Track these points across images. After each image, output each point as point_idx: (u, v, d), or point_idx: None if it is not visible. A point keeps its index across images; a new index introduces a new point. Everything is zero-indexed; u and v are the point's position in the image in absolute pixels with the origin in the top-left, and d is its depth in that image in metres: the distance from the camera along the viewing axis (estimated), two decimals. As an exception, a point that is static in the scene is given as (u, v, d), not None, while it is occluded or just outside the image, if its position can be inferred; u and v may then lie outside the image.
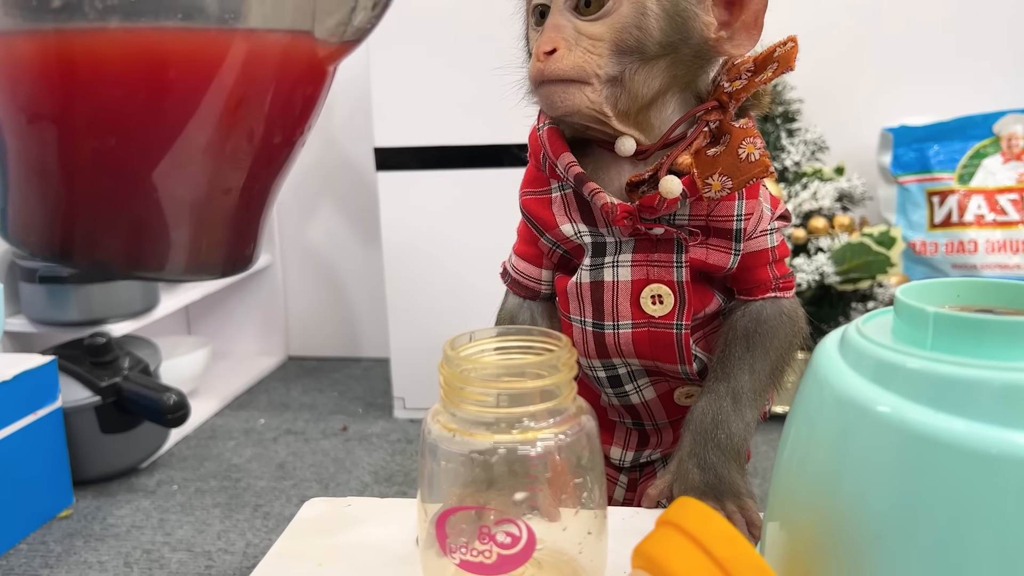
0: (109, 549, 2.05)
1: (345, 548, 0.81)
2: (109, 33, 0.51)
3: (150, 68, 0.52)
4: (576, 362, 0.69)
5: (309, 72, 0.60)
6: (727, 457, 0.87)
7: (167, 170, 0.54)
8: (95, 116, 0.52)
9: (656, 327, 0.92)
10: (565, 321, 0.97)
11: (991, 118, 2.67)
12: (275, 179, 0.62)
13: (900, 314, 0.57)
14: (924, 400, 0.51)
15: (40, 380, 2.15)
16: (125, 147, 0.53)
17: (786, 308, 0.95)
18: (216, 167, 0.56)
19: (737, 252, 0.90)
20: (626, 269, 0.91)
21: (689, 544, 0.56)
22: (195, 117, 0.54)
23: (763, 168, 0.83)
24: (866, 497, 0.53)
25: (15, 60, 0.51)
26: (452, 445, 0.66)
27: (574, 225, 0.92)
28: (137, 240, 0.57)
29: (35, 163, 0.53)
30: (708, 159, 0.84)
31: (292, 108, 0.60)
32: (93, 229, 0.56)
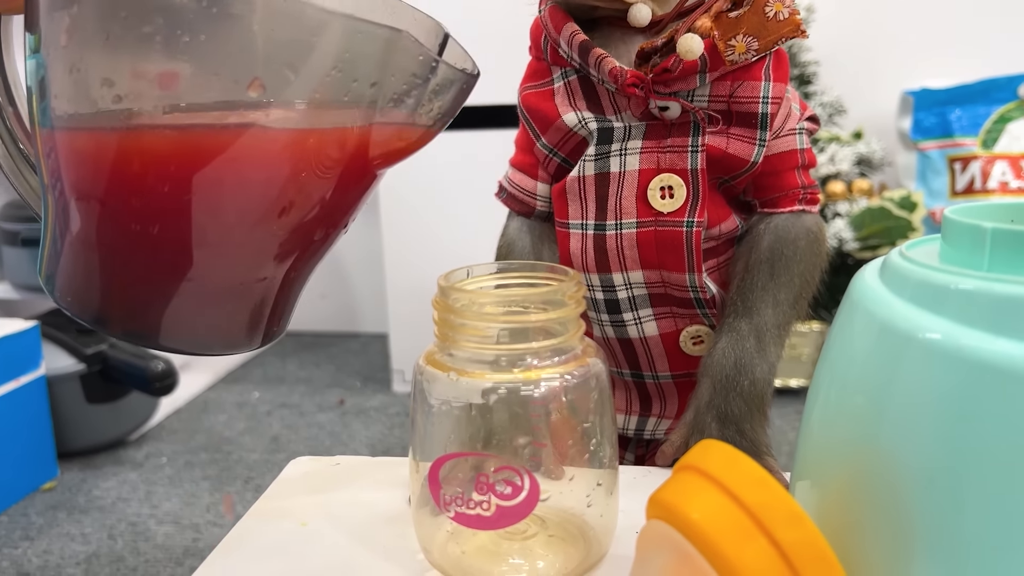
0: (93, 521, 2.03)
1: (331, 507, 0.76)
2: (162, 132, 0.52)
3: (198, 168, 0.53)
4: (584, 297, 0.63)
5: (361, 177, 0.60)
6: (750, 407, 0.80)
7: (205, 259, 0.56)
8: (141, 205, 0.53)
9: (664, 226, 0.84)
10: (562, 232, 0.88)
11: (1016, 80, 2.61)
12: (311, 267, 0.63)
13: (950, 236, 0.51)
14: (981, 324, 0.45)
15: (21, 346, 2.11)
16: (166, 235, 0.54)
17: (811, 226, 0.87)
18: (255, 261, 0.59)
19: (762, 143, 0.82)
20: (635, 157, 0.83)
21: (713, 489, 0.49)
22: (241, 218, 0.56)
23: (794, 27, 0.76)
24: (913, 440, 0.47)
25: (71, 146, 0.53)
26: (448, 387, 0.60)
27: (578, 113, 0.84)
28: (171, 319, 0.59)
29: (81, 234, 0.55)
30: (731, 20, 0.77)
31: (338, 210, 0.60)
32: (129, 304, 0.58)
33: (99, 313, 0.58)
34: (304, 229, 0.58)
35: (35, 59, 0.53)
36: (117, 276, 0.56)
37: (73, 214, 0.55)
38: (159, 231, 0.54)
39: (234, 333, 0.62)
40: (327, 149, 0.56)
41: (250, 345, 0.63)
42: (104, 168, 0.53)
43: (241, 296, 0.60)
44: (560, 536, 0.63)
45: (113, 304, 0.58)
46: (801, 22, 0.76)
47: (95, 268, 0.56)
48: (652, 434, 0.95)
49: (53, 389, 2.25)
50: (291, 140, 0.54)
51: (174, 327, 0.59)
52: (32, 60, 0.53)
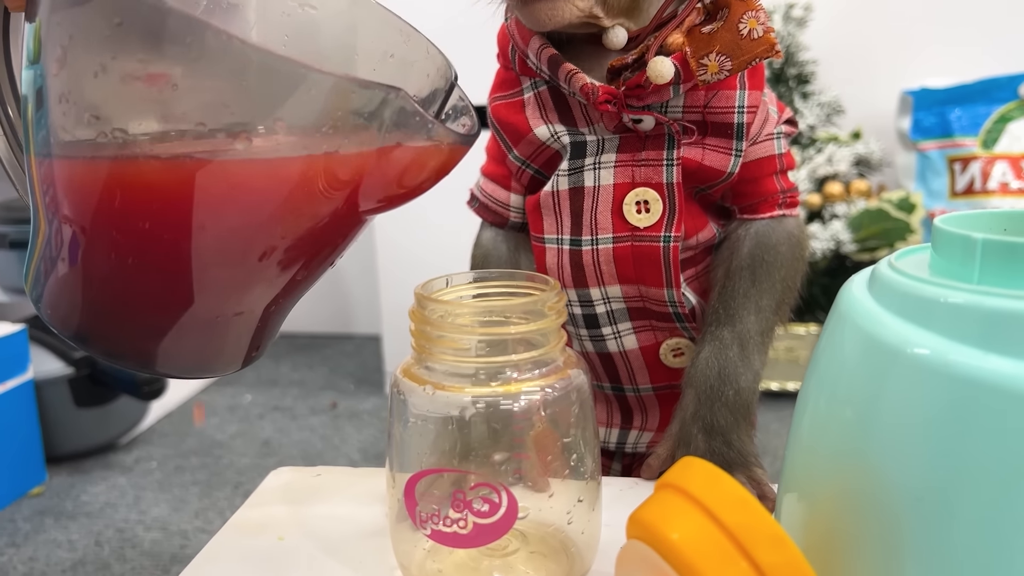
0: (80, 527, 2.02)
1: (310, 520, 0.75)
2: (144, 169, 0.53)
3: (177, 209, 0.53)
4: (565, 308, 0.62)
5: (348, 224, 0.60)
6: (736, 417, 0.79)
7: (181, 294, 0.56)
8: (121, 237, 0.54)
9: (641, 240, 0.82)
10: (538, 246, 0.86)
11: (1017, 80, 2.60)
12: (293, 301, 0.63)
13: (940, 246, 0.50)
14: (971, 339, 0.44)
15: (9, 350, 2.10)
16: (144, 269, 0.55)
17: (793, 229, 0.86)
18: (234, 297, 0.59)
19: (739, 153, 0.80)
20: (609, 171, 0.81)
21: (693, 509, 0.48)
22: (220, 259, 0.56)
23: (768, 46, 0.73)
24: (901, 455, 0.46)
25: (58, 171, 0.54)
26: (425, 401, 0.59)
27: (550, 127, 0.82)
28: (149, 345, 0.60)
29: (65, 255, 0.56)
30: (704, 36, 0.74)
31: (322, 252, 0.61)
32: (108, 327, 0.59)
33: (79, 331, 0.58)
34: (285, 269, 0.58)
35: (33, 70, 0.53)
36: (97, 301, 0.57)
37: (58, 233, 0.55)
38: (135, 263, 0.54)
39: (211, 359, 0.62)
40: (313, 199, 0.55)
41: (227, 370, 0.64)
42: (87, 197, 0.53)
43: (219, 327, 0.60)
44: (542, 552, 0.62)
45: (93, 325, 0.58)
46: (776, 41, 0.74)
47: (78, 290, 0.56)
48: (634, 447, 0.94)
49: (41, 393, 2.24)
50: (276, 187, 0.54)
51: (151, 352, 0.60)
52: (30, 71, 0.53)
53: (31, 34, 0.53)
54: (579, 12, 0.74)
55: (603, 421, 0.95)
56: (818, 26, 2.75)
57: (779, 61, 2.73)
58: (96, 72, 0.51)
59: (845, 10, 2.88)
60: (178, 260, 0.54)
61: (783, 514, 0.57)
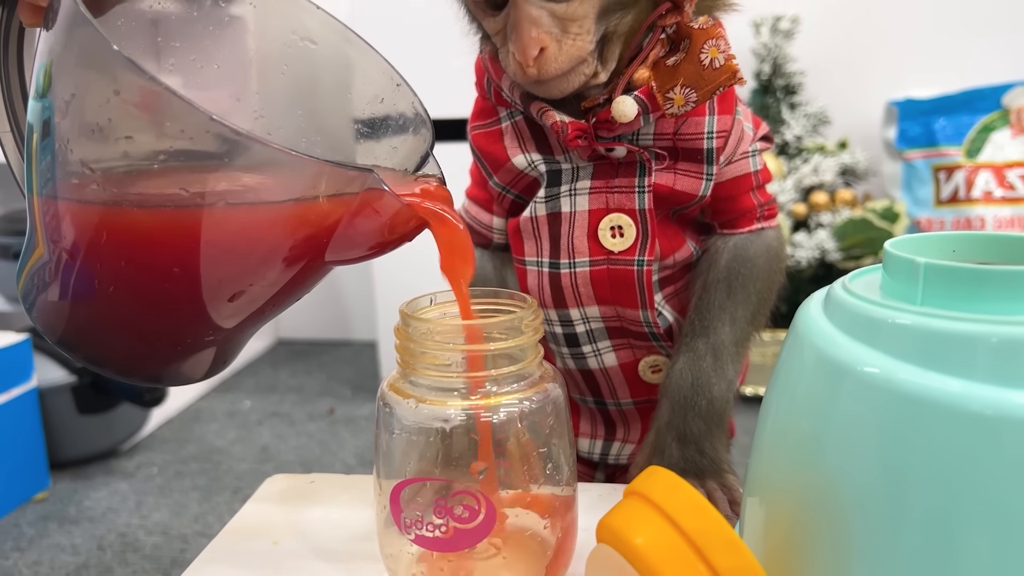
0: (83, 532, 2.03)
1: (304, 525, 0.78)
2: (127, 216, 0.56)
3: (153, 255, 0.57)
4: (542, 324, 0.65)
5: (315, 272, 0.63)
6: (710, 426, 0.82)
7: (155, 324, 0.61)
8: (103, 269, 0.57)
9: (616, 264, 0.84)
10: (520, 268, 0.89)
11: (1000, 90, 2.62)
12: (262, 325, 0.66)
13: (889, 268, 0.53)
14: (914, 358, 0.47)
15: (13, 359, 2.12)
16: (122, 299, 0.59)
17: (771, 241, 0.88)
18: (206, 327, 0.62)
19: (710, 177, 0.82)
20: (584, 197, 0.83)
21: (656, 516, 0.52)
22: (195, 299, 0.59)
23: (730, 74, 0.74)
24: (851, 465, 0.49)
25: (52, 206, 0.58)
26: (409, 414, 0.62)
27: (527, 156, 0.84)
28: (126, 358, 0.64)
29: (58, 278, 0.59)
30: (668, 69, 0.76)
31: (290, 295, 0.64)
32: (90, 341, 0.63)
33: (64, 340, 0.62)
34: (254, 306, 0.61)
35: (40, 103, 0.56)
36: (80, 316, 0.61)
37: (55, 258, 0.58)
38: (115, 292, 0.58)
39: (180, 371, 0.66)
40: (282, 254, 0.59)
41: (194, 380, 0.68)
42: (79, 232, 0.57)
43: (189, 348, 0.64)
44: (520, 555, 0.65)
45: (77, 337, 0.63)
46: (737, 68, 0.75)
47: (66, 304, 0.60)
48: (616, 458, 0.96)
49: (45, 400, 2.26)
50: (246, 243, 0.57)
51: (129, 364, 0.65)
52: (37, 103, 0.56)
53: (41, 70, 0.56)
54: (585, 77, 0.77)
55: (588, 433, 0.98)
56: (805, 38, 2.78)
57: (767, 72, 2.75)
58: (93, 130, 0.55)
59: (832, 23, 2.90)
60: (149, 299, 0.59)
61: (747, 516, 0.60)
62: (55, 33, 0.55)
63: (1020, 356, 0.44)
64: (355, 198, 0.57)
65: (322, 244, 0.59)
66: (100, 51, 0.52)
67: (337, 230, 0.58)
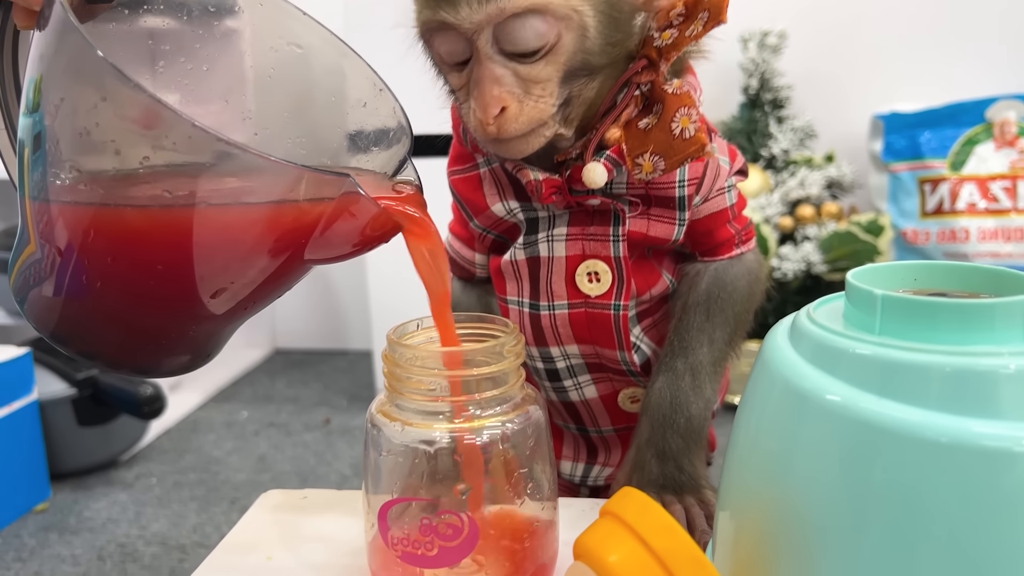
0: (83, 543, 2.04)
1: (297, 541, 0.80)
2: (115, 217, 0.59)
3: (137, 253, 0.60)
4: (524, 349, 0.67)
5: (296, 272, 0.65)
6: (687, 443, 0.84)
7: (140, 317, 0.63)
8: (90, 266, 0.60)
9: (593, 307, 0.86)
10: (502, 305, 0.91)
11: (983, 104, 2.65)
12: (246, 319, 0.68)
13: (851, 298, 0.55)
14: (872, 387, 0.49)
15: (15, 372, 2.14)
16: (109, 294, 0.61)
17: (749, 264, 0.89)
18: (189, 322, 0.65)
19: (682, 222, 0.84)
20: (561, 244, 0.85)
21: (628, 535, 0.55)
22: (178, 295, 0.61)
23: (699, 146, 0.76)
24: (814, 487, 0.52)
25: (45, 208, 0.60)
26: (396, 435, 0.65)
27: (505, 203, 0.86)
28: (117, 351, 0.67)
29: (50, 276, 0.61)
30: (639, 133, 0.78)
31: (272, 291, 0.65)
32: (80, 335, 0.65)
33: (55, 334, 0.65)
34: (236, 302, 0.63)
35: (31, 118, 0.58)
36: (73, 315, 0.63)
37: (48, 258, 0.60)
38: (102, 288, 0.60)
39: (166, 364, 0.69)
40: (262, 254, 0.61)
41: (180, 372, 0.70)
42: (65, 230, 0.59)
43: (175, 342, 0.67)
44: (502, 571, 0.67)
45: (68, 331, 0.65)
46: (707, 141, 0.76)
47: (56, 300, 0.62)
48: (595, 480, 0.99)
49: (45, 413, 2.27)
50: (227, 243, 0.60)
51: (118, 357, 0.67)
52: (28, 119, 0.58)
53: (31, 85, 0.58)
54: (544, 139, 0.77)
55: (570, 456, 1.00)
56: (792, 53, 2.80)
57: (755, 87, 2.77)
58: (80, 133, 0.57)
59: (818, 38, 2.92)
60: (139, 293, 0.61)
61: (718, 529, 0.63)
62: (46, 37, 0.57)
63: (971, 386, 0.47)
64: (332, 202, 0.59)
65: (301, 244, 0.61)
66: (86, 58, 0.54)
67: (315, 231, 0.60)
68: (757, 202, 2.61)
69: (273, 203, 0.59)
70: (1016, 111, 2.61)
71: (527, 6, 0.70)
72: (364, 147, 0.76)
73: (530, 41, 0.72)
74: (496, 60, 0.74)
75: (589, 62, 0.75)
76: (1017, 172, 2.60)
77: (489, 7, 0.71)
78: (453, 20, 0.72)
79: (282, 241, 0.60)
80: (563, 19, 0.72)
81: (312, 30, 0.74)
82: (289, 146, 0.77)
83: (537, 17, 0.71)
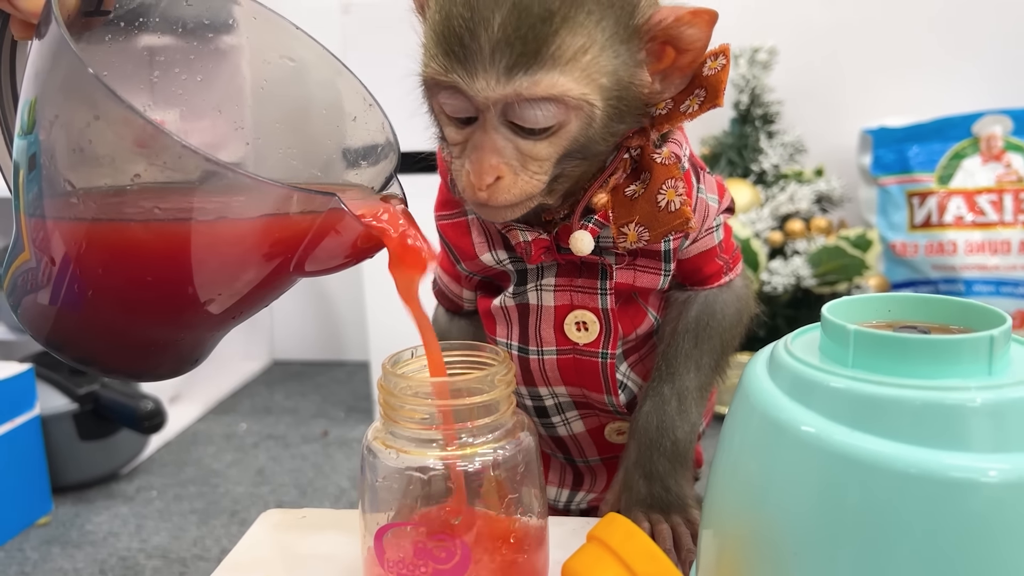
0: (85, 556, 2.06)
1: (296, 560, 0.82)
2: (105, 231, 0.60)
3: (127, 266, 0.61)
4: (513, 378, 0.69)
5: (285, 281, 0.66)
6: (674, 465, 0.85)
7: (132, 325, 0.65)
8: (82, 276, 0.61)
9: (582, 355, 0.87)
10: (492, 343, 0.91)
11: (970, 119, 2.67)
12: (234, 326, 0.69)
13: (826, 331, 0.57)
14: (844, 419, 0.51)
15: (17, 388, 2.16)
16: (101, 304, 0.62)
17: (739, 290, 0.90)
18: (179, 329, 0.67)
19: (668, 272, 0.85)
20: (549, 294, 0.86)
21: (612, 560, 0.57)
22: (168, 305, 0.63)
23: (683, 220, 0.76)
24: (788, 514, 0.54)
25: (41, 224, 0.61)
26: (391, 462, 0.67)
27: (494, 254, 0.86)
28: (110, 356, 0.68)
29: (44, 285, 0.63)
30: (625, 202, 0.78)
31: (260, 300, 0.66)
32: (74, 342, 0.67)
33: (50, 340, 0.66)
34: (225, 311, 0.65)
35: (26, 140, 0.60)
36: (64, 319, 0.64)
37: (35, 260, 0.62)
38: (94, 297, 0.62)
39: (156, 368, 0.71)
40: (250, 266, 0.63)
41: (169, 376, 0.72)
42: (58, 242, 0.61)
43: (165, 348, 0.69)
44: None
45: (61, 337, 0.67)
46: (691, 216, 0.77)
47: (50, 308, 0.63)
48: (579, 505, 1.00)
49: (47, 428, 2.29)
50: (216, 258, 0.61)
51: (111, 363, 0.70)
52: (23, 141, 0.60)
53: (26, 107, 0.59)
54: (527, 209, 0.77)
55: (555, 482, 1.02)
56: (782, 69, 2.82)
57: (746, 102, 2.79)
58: (74, 149, 0.58)
59: (808, 55, 2.96)
60: (129, 302, 0.63)
61: (702, 547, 0.65)
62: (42, 54, 0.58)
63: (939, 419, 0.49)
64: (318, 218, 0.60)
65: (287, 259, 0.62)
66: (80, 78, 0.55)
67: (301, 247, 0.61)
68: (747, 216, 2.64)
69: (261, 219, 0.60)
70: (1002, 125, 2.64)
71: (544, 94, 0.70)
72: (353, 160, 0.76)
73: (539, 122, 0.71)
74: (500, 131, 0.73)
75: (588, 147, 0.75)
76: (1003, 185, 2.62)
77: (507, 88, 0.70)
78: (466, 89, 0.71)
79: (269, 256, 0.62)
80: (575, 108, 0.72)
81: (306, 45, 0.75)
82: (280, 155, 0.78)
83: (551, 103, 0.71)
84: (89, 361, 0.68)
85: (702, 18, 0.72)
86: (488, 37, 0.69)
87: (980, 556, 0.48)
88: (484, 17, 0.69)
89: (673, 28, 0.72)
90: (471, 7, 0.69)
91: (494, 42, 0.69)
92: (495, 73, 0.69)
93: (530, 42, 0.68)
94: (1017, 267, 2.59)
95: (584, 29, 0.70)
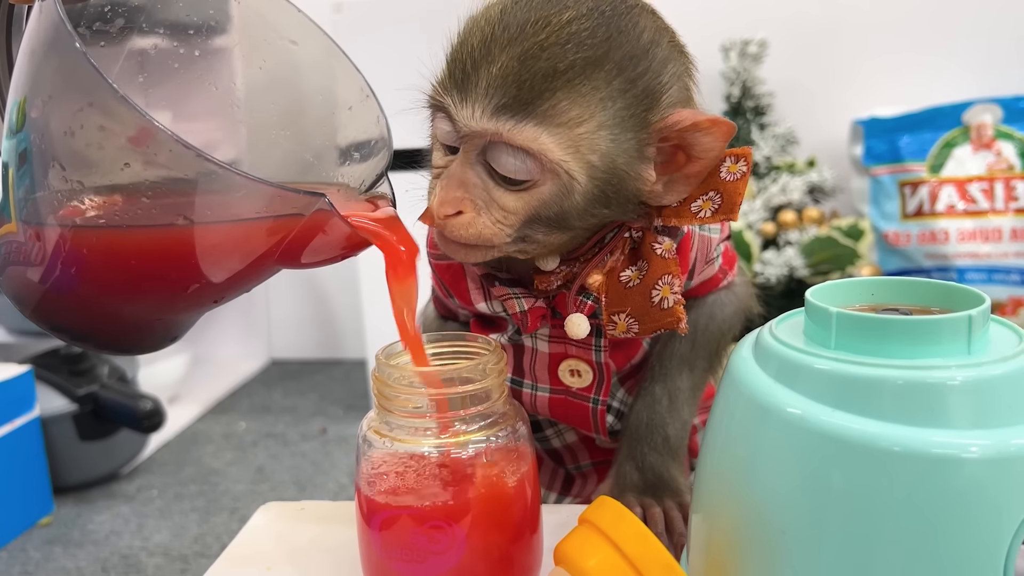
0: (87, 555, 2.06)
1: (295, 552, 0.82)
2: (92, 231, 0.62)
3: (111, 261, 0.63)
4: (505, 366, 0.70)
5: (268, 271, 0.67)
6: (665, 457, 0.86)
7: (114, 306, 0.67)
8: (67, 262, 0.62)
9: (574, 397, 0.88)
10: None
11: (960, 108, 2.67)
12: (214, 307, 0.70)
13: (809, 314, 0.58)
14: (828, 400, 0.53)
15: (17, 390, 2.16)
16: (88, 287, 0.64)
17: (739, 291, 0.90)
18: (162, 311, 0.69)
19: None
20: (544, 342, 0.86)
21: (603, 542, 0.58)
22: (153, 291, 0.65)
23: (675, 319, 0.75)
24: (775, 494, 0.55)
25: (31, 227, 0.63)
26: (386, 450, 0.68)
27: (490, 304, 0.84)
28: (88, 329, 0.70)
29: (30, 260, 0.64)
30: (619, 289, 0.76)
31: (244, 286, 0.68)
32: (58, 314, 0.68)
33: (35, 312, 0.67)
34: (209, 296, 0.66)
35: (15, 139, 0.61)
36: (47, 293, 0.65)
37: (22, 233, 0.63)
38: (77, 275, 0.63)
39: (137, 343, 0.74)
40: (238, 259, 0.64)
41: (150, 351, 0.74)
42: (46, 223, 0.62)
43: (145, 326, 0.70)
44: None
45: (46, 310, 0.68)
46: (683, 316, 0.75)
47: (31, 281, 0.65)
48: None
49: (47, 429, 2.30)
50: (203, 251, 0.62)
51: (90, 335, 0.71)
52: (11, 140, 0.61)
53: (15, 107, 0.60)
54: (493, 254, 0.75)
55: (545, 484, 1.02)
56: (773, 61, 2.83)
57: (737, 95, 2.81)
58: (65, 132, 0.59)
59: (798, 46, 2.96)
60: (112, 283, 0.64)
61: (692, 530, 0.66)
62: (38, 36, 0.59)
63: (920, 397, 0.50)
64: (304, 218, 0.61)
65: (271, 254, 0.63)
66: (75, 65, 0.56)
67: (285, 243, 0.62)
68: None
69: (248, 218, 0.61)
70: (992, 114, 2.64)
71: (522, 144, 0.69)
72: (346, 151, 0.77)
73: (513, 171, 0.70)
74: (475, 169, 0.72)
75: (564, 219, 0.73)
76: (994, 174, 2.62)
77: (489, 125, 0.69)
78: (454, 115, 0.71)
79: (253, 250, 0.63)
80: (551, 171, 0.70)
81: (306, 28, 0.75)
82: (273, 137, 0.78)
83: (529, 157, 0.69)
84: (67, 332, 0.70)
85: (720, 128, 0.70)
86: (488, 73, 0.69)
87: (962, 528, 0.49)
88: (493, 56, 0.69)
89: (688, 132, 0.71)
90: (485, 43, 0.69)
91: (493, 79, 0.68)
92: (483, 107, 0.69)
93: (526, 91, 0.68)
94: (1009, 254, 2.59)
95: (585, 101, 0.68)
